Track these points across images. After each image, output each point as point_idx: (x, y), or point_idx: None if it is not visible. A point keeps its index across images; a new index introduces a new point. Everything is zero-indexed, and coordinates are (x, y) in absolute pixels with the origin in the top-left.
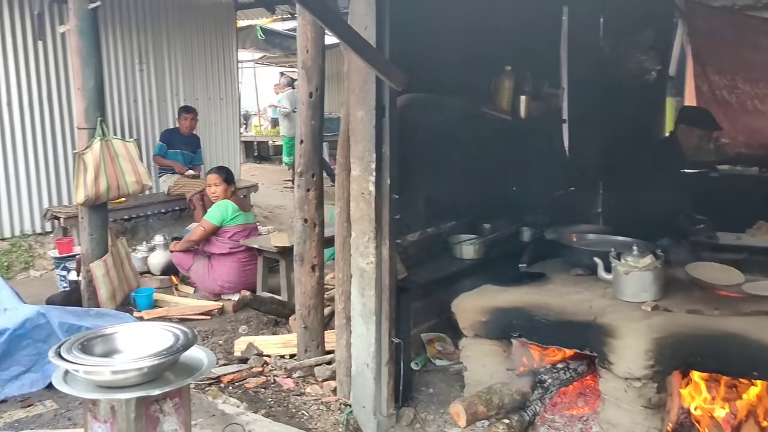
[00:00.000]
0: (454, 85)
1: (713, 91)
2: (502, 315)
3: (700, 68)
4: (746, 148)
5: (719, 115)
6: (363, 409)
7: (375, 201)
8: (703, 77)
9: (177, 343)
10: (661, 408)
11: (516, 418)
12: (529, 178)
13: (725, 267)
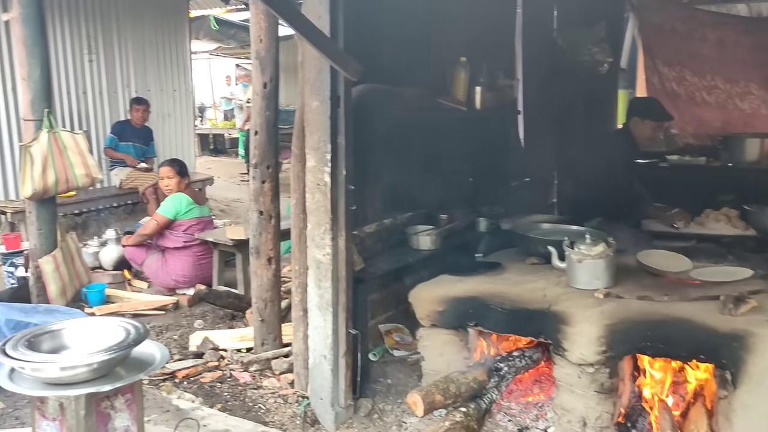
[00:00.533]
0: (409, 75)
1: (663, 83)
2: (458, 304)
3: (651, 61)
4: (694, 139)
5: (669, 106)
6: (321, 401)
7: (331, 192)
8: (653, 69)
9: (128, 338)
10: (613, 392)
11: (473, 406)
12: (485, 169)
13: (674, 254)
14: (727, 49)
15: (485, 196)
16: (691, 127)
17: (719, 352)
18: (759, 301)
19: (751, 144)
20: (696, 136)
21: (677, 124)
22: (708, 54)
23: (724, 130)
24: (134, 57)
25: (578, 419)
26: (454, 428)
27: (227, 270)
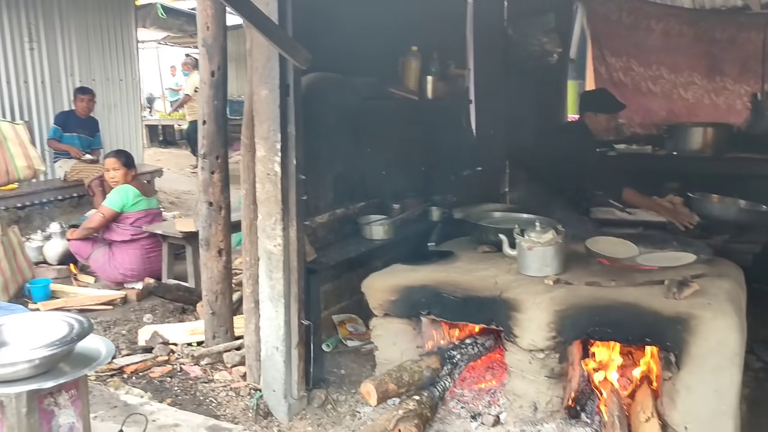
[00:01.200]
0: (360, 64)
1: (610, 74)
2: (411, 293)
3: (598, 51)
4: (641, 128)
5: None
6: (273, 393)
7: (281, 182)
8: (601, 59)
9: (71, 333)
10: (563, 377)
11: (426, 394)
12: (437, 159)
13: (621, 241)
14: (671, 39)
15: (437, 185)
16: (638, 116)
17: (664, 335)
18: (701, 284)
19: (695, 133)
20: (642, 125)
21: (624, 114)
22: (653, 45)
23: (669, 119)
24: (78, 45)
25: (529, 404)
26: (407, 416)
27: (177, 263)
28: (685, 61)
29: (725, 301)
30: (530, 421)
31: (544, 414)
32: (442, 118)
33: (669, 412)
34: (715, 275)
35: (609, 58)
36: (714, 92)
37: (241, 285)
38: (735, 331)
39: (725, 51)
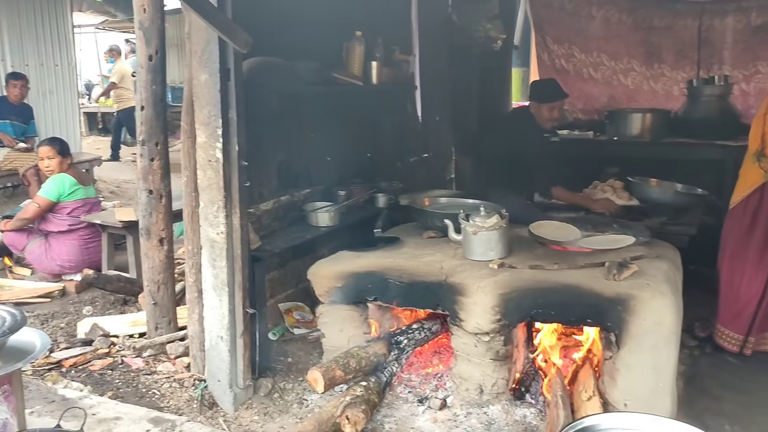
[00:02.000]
0: (303, 49)
1: (553, 60)
2: (357, 280)
3: (541, 38)
4: (583, 114)
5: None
6: (218, 383)
7: (223, 168)
8: (544, 46)
9: (3, 326)
10: (508, 359)
11: (373, 380)
12: (383, 145)
13: (564, 224)
14: (611, 27)
15: (384, 171)
16: (580, 102)
17: (605, 316)
18: (640, 266)
19: (634, 119)
20: (584, 111)
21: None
22: (594, 32)
23: (609, 105)
24: (9, 29)
25: (475, 387)
26: (355, 402)
27: (118, 253)
28: (625, 48)
29: (662, 281)
30: (476, 404)
31: (490, 396)
32: (387, 104)
33: (610, 391)
34: (653, 257)
35: (551, 45)
36: (652, 79)
37: (184, 274)
38: (672, 310)
39: (663, 38)
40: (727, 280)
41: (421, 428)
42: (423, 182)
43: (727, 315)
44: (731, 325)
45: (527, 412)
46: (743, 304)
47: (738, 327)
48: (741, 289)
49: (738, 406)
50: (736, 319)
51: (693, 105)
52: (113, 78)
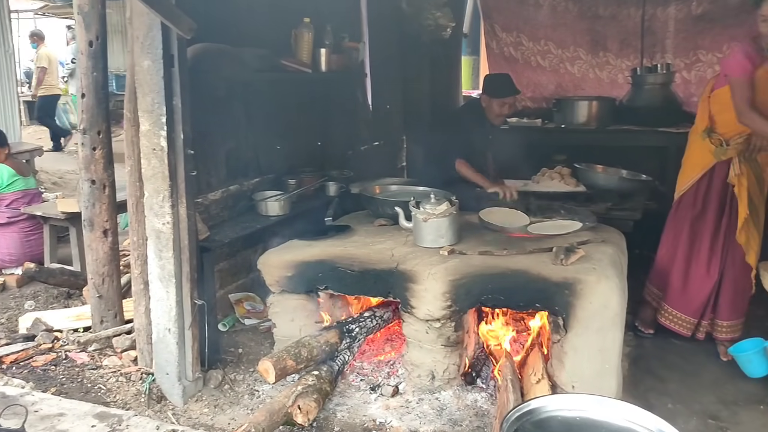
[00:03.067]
0: (250, 35)
1: (501, 48)
2: (308, 269)
3: (490, 26)
4: (531, 102)
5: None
6: (167, 376)
7: (168, 157)
8: (492, 34)
9: None
10: (459, 345)
11: (325, 369)
12: (334, 133)
13: (513, 211)
14: (558, 15)
15: (334, 160)
16: (529, 90)
17: (552, 300)
18: (586, 250)
19: (581, 106)
20: (533, 99)
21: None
22: (542, 20)
23: (557, 93)
24: None
25: (427, 373)
26: (306, 392)
27: (61, 246)
28: (571, 36)
29: (608, 265)
30: (428, 390)
31: (442, 382)
32: (337, 92)
33: (558, 373)
34: (599, 241)
35: (500, 33)
36: (598, 67)
37: (130, 266)
38: (617, 293)
39: (607, 27)
40: (681, 265)
41: (373, 416)
42: (374, 170)
43: (678, 298)
44: (683, 308)
45: (478, 397)
46: (696, 289)
47: (691, 311)
48: (695, 273)
49: (681, 386)
50: (689, 304)
51: (637, 93)
52: (42, 63)
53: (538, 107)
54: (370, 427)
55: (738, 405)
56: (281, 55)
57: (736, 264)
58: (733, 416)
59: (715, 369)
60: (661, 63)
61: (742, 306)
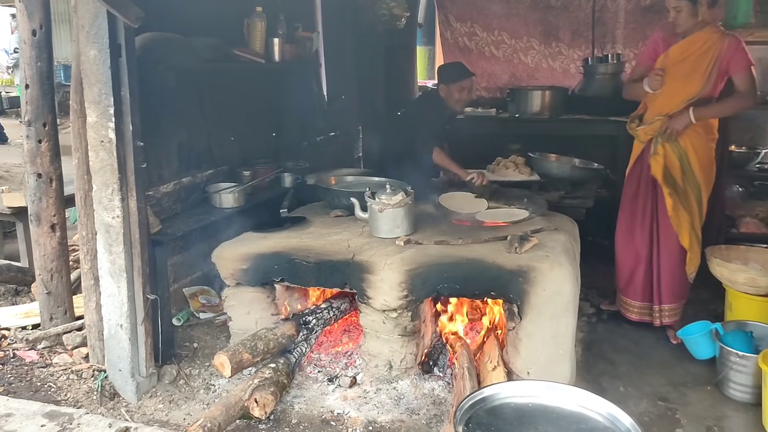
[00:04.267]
0: (201, 25)
1: (456, 38)
2: (263, 261)
3: (444, 16)
4: (486, 92)
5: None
6: (119, 373)
7: (117, 149)
8: (447, 24)
9: None
10: (416, 334)
11: (282, 361)
12: (289, 124)
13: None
14: (511, 5)
15: (290, 151)
16: (483, 80)
17: (507, 288)
18: (540, 238)
19: (534, 96)
20: (488, 89)
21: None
22: (495, 10)
23: (511, 83)
24: None
25: (385, 363)
26: (263, 385)
27: (8, 242)
28: (524, 27)
29: (561, 253)
30: (386, 380)
31: (399, 371)
32: (291, 83)
33: (513, 360)
34: (552, 229)
35: (454, 23)
36: (550, 57)
37: (79, 262)
38: (570, 280)
39: (559, 18)
40: (620, 247)
41: (331, 407)
42: (330, 161)
43: (622, 281)
44: (627, 291)
45: (435, 385)
46: (631, 270)
47: (633, 293)
48: (630, 254)
49: (632, 369)
50: (629, 286)
51: (588, 83)
52: None
53: (493, 97)
54: (327, 418)
55: (686, 386)
56: (234, 44)
57: (670, 247)
58: (681, 397)
59: (664, 352)
60: (611, 53)
61: (680, 289)
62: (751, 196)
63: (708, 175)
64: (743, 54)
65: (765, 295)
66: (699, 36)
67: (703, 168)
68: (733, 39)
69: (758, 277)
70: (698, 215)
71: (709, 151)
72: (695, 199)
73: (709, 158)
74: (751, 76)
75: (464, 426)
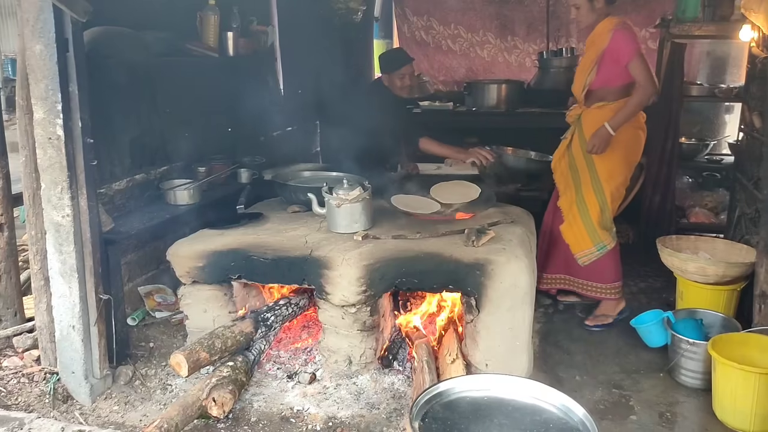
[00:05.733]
0: (153, 18)
1: (413, 32)
2: (220, 258)
3: (401, 10)
4: (443, 85)
5: (419, 54)
6: (72, 375)
7: (66, 147)
8: (404, 18)
9: None
10: (375, 329)
11: (241, 359)
12: (245, 119)
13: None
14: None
15: (246, 146)
16: (440, 74)
17: (465, 281)
18: (497, 231)
19: (491, 89)
20: (444, 82)
21: (428, 72)
22: (451, 5)
23: (468, 76)
24: None
25: (344, 358)
26: (221, 383)
27: None
28: (480, 21)
29: (517, 245)
30: (345, 375)
31: (359, 366)
32: (246, 77)
33: (472, 352)
34: (509, 222)
35: (411, 17)
36: (506, 51)
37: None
38: (526, 272)
39: (515, 12)
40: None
41: (290, 404)
42: (288, 156)
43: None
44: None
45: (395, 379)
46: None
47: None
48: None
49: (587, 358)
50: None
51: (544, 76)
52: None
53: (450, 91)
54: (287, 415)
55: (639, 373)
56: (186, 38)
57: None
58: (635, 384)
59: (618, 341)
60: (565, 47)
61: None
62: (700, 187)
63: (618, 166)
64: (628, 43)
65: (714, 284)
66: (596, 29)
67: (609, 159)
68: (619, 30)
69: (707, 266)
70: (597, 206)
71: (628, 141)
72: (586, 205)
73: (627, 148)
74: (642, 63)
75: (421, 421)
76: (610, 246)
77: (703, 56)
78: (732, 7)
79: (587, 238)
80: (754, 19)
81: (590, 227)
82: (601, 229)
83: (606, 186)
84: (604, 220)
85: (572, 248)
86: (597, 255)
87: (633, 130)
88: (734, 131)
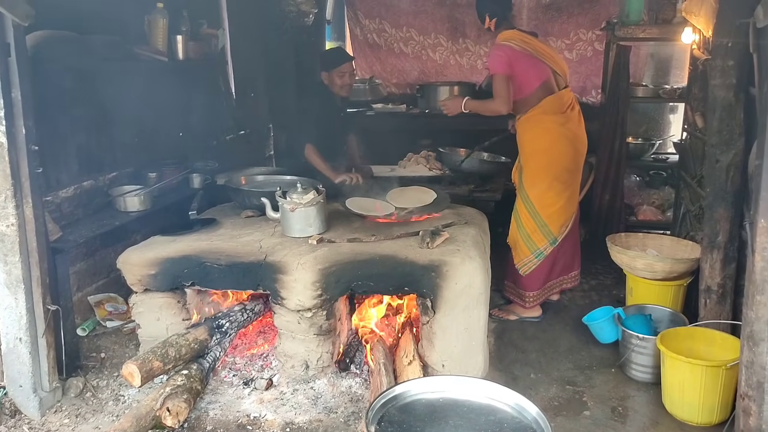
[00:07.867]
0: (99, 22)
1: (365, 35)
2: (172, 265)
3: (353, 12)
4: (396, 88)
5: (371, 58)
6: (20, 389)
7: (9, 154)
8: (356, 21)
9: None
10: (331, 333)
11: (195, 367)
12: (196, 123)
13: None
14: (418, 2)
15: (198, 151)
16: (393, 77)
17: (420, 283)
18: (451, 233)
19: (443, 92)
20: (397, 85)
21: (381, 75)
22: (403, 7)
23: (420, 79)
24: None
25: (301, 363)
26: (175, 393)
27: None
28: (432, 23)
29: (471, 246)
30: (302, 380)
31: (316, 371)
32: (197, 81)
33: (428, 353)
34: (463, 223)
35: (363, 20)
36: (458, 53)
37: None
38: (480, 273)
39: (465, 15)
40: None
41: (247, 410)
42: (240, 160)
43: None
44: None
45: (353, 383)
46: None
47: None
48: None
49: (541, 356)
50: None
51: None
52: None
53: (403, 93)
54: (244, 422)
55: (592, 369)
56: (134, 42)
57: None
58: (588, 380)
59: (571, 338)
60: None
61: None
62: (648, 185)
63: (539, 173)
64: (490, 60)
65: (662, 280)
66: None
67: (531, 167)
68: (493, 48)
69: (655, 263)
70: (526, 212)
71: (549, 150)
72: (522, 198)
73: (549, 156)
74: (496, 80)
75: (377, 425)
76: (547, 252)
77: (647, 58)
78: (674, 11)
79: (524, 247)
80: (695, 22)
81: (524, 234)
82: (535, 234)
83: (530, 192)
84: (538, 226)
85: (514, 259)
86: (536, 262)
87: (555, 138)
88: (678, 131)
